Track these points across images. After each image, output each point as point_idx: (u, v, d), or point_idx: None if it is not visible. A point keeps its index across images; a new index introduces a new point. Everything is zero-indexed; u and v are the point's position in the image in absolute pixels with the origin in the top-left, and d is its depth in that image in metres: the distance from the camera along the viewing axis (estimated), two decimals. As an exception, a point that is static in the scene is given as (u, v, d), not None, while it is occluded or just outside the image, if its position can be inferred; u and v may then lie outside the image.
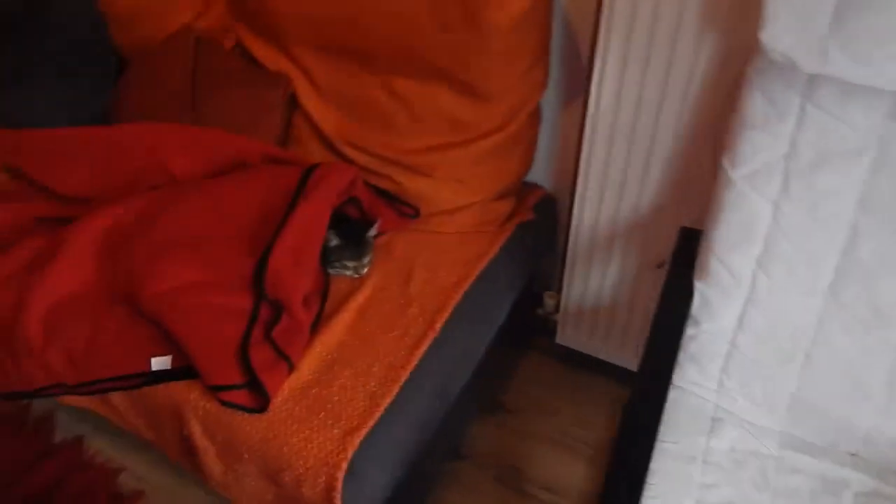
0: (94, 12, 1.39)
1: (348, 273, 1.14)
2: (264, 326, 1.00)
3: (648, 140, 1.05)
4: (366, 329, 1.05)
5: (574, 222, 1.22)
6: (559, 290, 1.37)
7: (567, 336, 1.40)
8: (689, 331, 0.93)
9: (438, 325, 1.05)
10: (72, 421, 1.34)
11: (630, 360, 1.34)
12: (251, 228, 1.10)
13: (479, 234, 1.24)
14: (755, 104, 0.81)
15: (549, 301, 1.45)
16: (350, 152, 1.25)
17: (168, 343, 1.00)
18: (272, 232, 1.05)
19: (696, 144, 1.02)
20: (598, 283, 1.28)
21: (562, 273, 1.32)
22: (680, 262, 0.97)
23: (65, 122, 1.35)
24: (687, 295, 0.93)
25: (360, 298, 1.10)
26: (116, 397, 1.06)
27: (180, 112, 1.31)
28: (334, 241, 1.12)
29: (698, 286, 0.92)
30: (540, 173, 1.38)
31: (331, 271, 1.14)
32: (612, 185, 1.13)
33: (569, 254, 1.27)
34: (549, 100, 1.23)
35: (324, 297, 1.10)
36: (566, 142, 1.31)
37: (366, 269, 1.14)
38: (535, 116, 1.21)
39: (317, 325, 1.04)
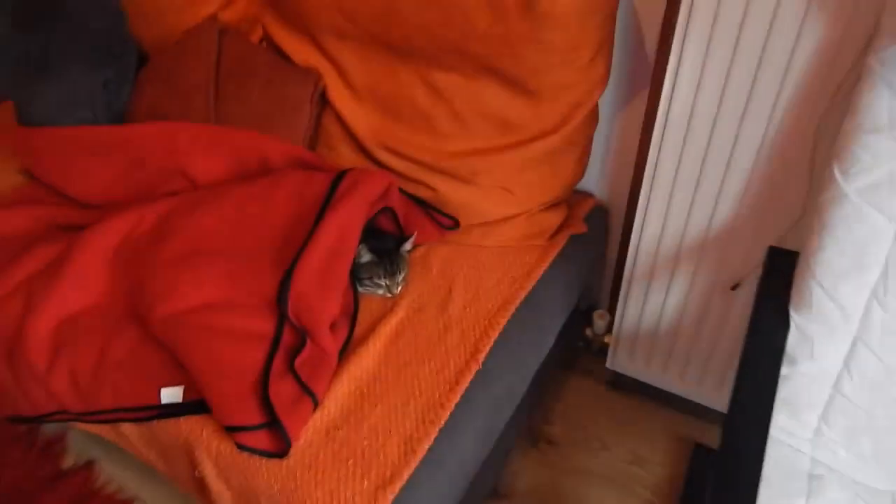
0: (113, 4, 1.31)
1: (380, 292, 1.02)
2: (286, 354, 0.88)
3: (730, 143, 0.91)
4: (400, 359, 0.93)
5: (634, 236, 1.09)
6: (611, 310, 1.24)
7: (619, 361, 1.27)
8: (783, 370, 0.79)
9: (482, 356, 0.93)
10: (84, 443, 1.25)
11: (694, 390, 1.20)
12: (275, 242, 1.00)
13: (526, 249, 1.12)
14: (880, 103, 0.68)
15: (599, 321, 1.31)
16: (384, 156, 1.13)
17: (181, 370, 0.90)
18: (298, 246, 0.95)
19: (789, 149, 0.87)
20: (658, 303, 1.14)
21: (614, 290, 1.19)
22: (769, 289, 0.83)
23: (84, 118, 1.30)
24: (782, 328, 0.78)
25: (393, 322, 0.98)
26: (126, 427, 0.96)
27: (201, 110, 1.23)
28: (366, 257, 1.01)
29: (795, 319, 0.78)
30: (591, 180, 1.24)
31: (361, 289, 1.03)
32: (682, 194, 0.99)
33: (626, 271, 1.14)
34: (606, 97, 1.09)
35: (353, 319, 0.98)
36: (623, 145, 1.17)
37: (400, 288, 1.03)
38: (593, 116, 1.07)
39: (344, 353, 0.93)
